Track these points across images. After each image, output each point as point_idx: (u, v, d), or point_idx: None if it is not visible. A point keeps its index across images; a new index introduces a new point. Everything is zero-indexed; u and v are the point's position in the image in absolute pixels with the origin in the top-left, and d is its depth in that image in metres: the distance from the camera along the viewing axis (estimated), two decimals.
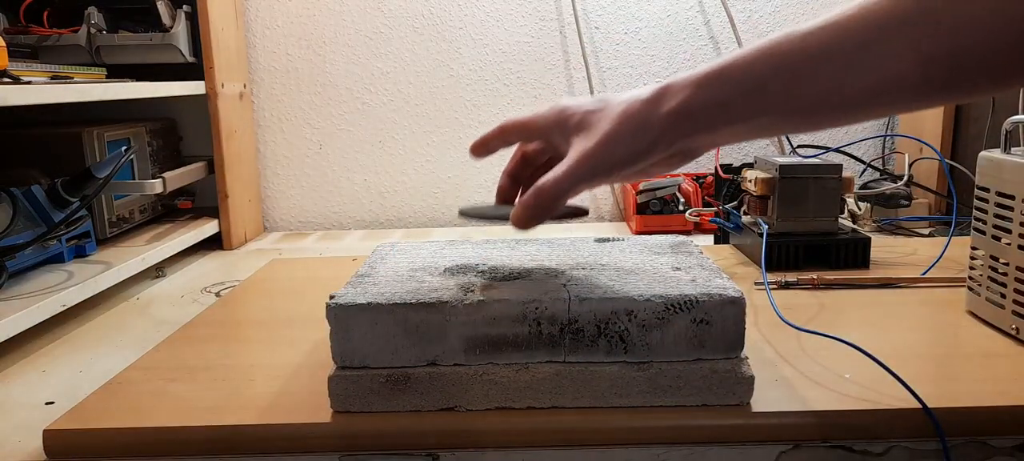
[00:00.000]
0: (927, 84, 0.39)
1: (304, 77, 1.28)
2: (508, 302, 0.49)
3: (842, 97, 0.41)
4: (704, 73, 0.45)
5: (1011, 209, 0.62)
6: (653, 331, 0.50)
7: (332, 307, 0.50)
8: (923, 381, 0.54)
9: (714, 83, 0.45)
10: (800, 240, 0.85)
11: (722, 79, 0.44)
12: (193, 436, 0.50)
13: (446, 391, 0.50)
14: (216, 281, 0.95)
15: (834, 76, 0.41)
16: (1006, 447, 0.50)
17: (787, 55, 0.42)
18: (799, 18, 1.27)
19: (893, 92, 0.40)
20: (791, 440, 0.50)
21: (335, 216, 1.33)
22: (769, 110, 0.43)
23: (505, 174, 0.57)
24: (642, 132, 0.46)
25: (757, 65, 0.43)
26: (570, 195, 0.48)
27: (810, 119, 0.44)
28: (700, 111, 0.45)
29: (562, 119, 0.50)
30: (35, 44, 1.02)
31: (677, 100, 0.45)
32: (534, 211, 0.48)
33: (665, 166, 0.50)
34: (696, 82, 0.45)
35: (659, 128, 0.46)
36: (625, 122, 0.46)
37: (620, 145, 0.47)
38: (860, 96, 0.41)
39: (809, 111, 0.43)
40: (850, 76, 0.41)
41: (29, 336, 0.72)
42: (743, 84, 0.44)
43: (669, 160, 0.49)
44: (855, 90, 0.41)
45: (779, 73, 0.42)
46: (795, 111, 0.43)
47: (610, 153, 0.47)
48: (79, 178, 0.86)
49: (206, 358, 0.62)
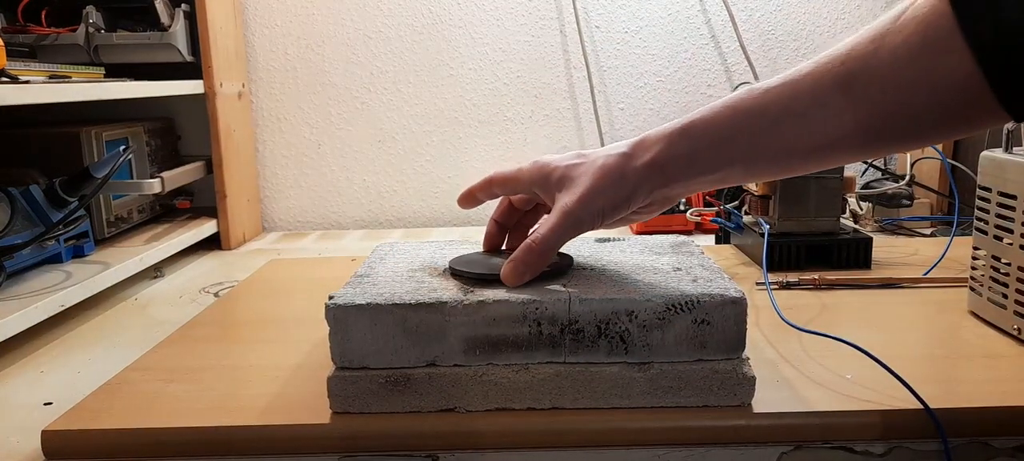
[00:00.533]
0: (865, 143, 0.45)
1: (303, 76, 1.28)
2: (508, 302, 0.49)
3: (798, 151, 0.46)
4: (675, 128, 0.49)
5: (1013, 209, 0.61)
6: (654, 331, 0.49)
7: (331, 307, 0.49)
8: (925, 381, 0.54)
9: (683, 138, 0.49)
10: (801, 240, 0.85)
11: (691, 135, 0.48)
12: (192, 436, 0.50)
13: (446, 392, 0.50)
14: (215, 281, 0.95)
15: (788, 134, 0.46)
16: (1008, 448, 0.50)
17: (748, 113, 0.47)
18: (799, 16, 1.27)
19: (840, 149, 0.46)
20: (792, 441, 0.50)
21: (334, 216, 1.33)
22: (735, 161, 0.48)
23: (492, 221, 0.60)
24: (620, 184, 0.50)
25: (722, 122, 0.48)
26: (557, 249, 0.51)
27: (773, 168, 0.49)
28: (671, 164, 0.49)
29: (544, 175, 0.53)
30: (33, 43, 1.02)
31: (651, 154, 0.49)
32: (524, 267, 0.51)
33: (646, 213, 0.54)
34: (668, 136, 0.49)
35: (635, 180, 0.49)
36: (604, 176, 0.50)
37: (600, 198, 0.50)
38: (813, 151, 0.46)
39: (771, 162, 0.48)
40: (802, 134, 0.46)
41: (27, 336, 0.72)
42: (709, 139, 0.48)
43: (649, 208, 0.53)
44: (807, 146, 0.46)
45: (741, 130, 0.47)
46: (758, 161, 0.48)
47: (591, 206, 0.50)
48: (77, 178, 0.85)
49: (205, 358, 0.62)
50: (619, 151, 0.50)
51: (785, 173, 0.50)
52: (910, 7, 0.42)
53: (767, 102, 0.46)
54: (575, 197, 0.50)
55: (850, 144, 0.45)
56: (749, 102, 0.47)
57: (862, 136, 0.44)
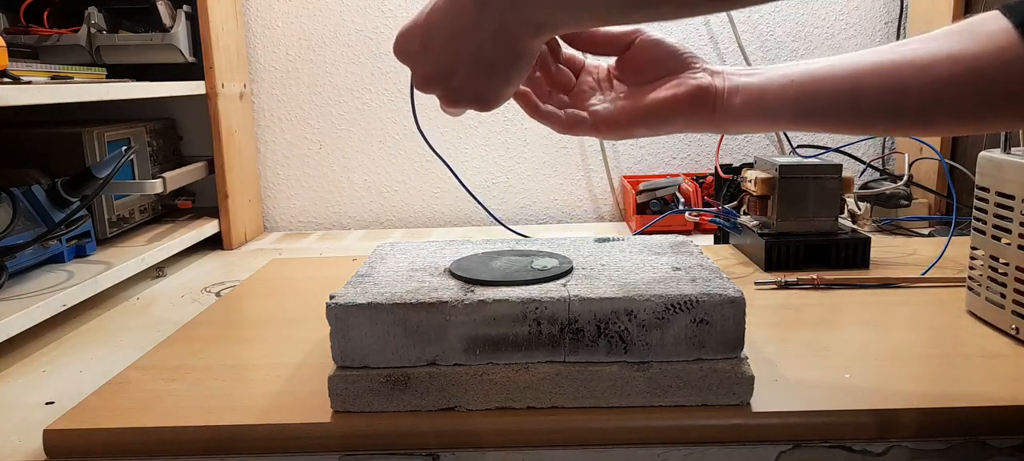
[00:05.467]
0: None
1: (304, 77, 1.28)
2: (508, 302, 0.49)
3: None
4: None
5: (1011, 209, 0.62)
6: (653, 331, 0.50)
7: (332, 307, 0.50)
8: (923, 381, 0.54)
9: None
10: (800, 240, 0.85)
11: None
12: (193, 436, 0.50)
13: (446, 391, 0.50)
14: (216, 281, 0.95)
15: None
16: (1006, 447, 0.50)
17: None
18: (798, 17, 1.27)
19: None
20: (791, 440, 0.50)
21: (335, 216, 1.33)
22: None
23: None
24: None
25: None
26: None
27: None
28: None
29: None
30: (35, 44, 1.02)
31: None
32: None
33: (510, 67, 0.46)
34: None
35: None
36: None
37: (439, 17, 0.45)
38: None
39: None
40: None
41: (29, 336, 0.72)
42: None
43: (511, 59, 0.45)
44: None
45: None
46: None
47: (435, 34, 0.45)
48: (79, 178, 0.86)
49: (206, 358, 0.62)
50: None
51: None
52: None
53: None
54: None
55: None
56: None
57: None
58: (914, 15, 1.23)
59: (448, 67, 0.46)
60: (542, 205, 1.32)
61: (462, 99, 0.47)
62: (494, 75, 0.45)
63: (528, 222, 1.32)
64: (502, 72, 0.45)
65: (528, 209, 1.32)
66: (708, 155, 1.31)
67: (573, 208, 1.33)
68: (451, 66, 0.45)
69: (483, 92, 0.47)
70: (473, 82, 0.46)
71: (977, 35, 0.44)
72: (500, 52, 0.44)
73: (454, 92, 0.47)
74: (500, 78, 0.46)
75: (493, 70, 0.45)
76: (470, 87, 0.46)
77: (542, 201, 1.32)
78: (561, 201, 1.32)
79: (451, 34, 0.44)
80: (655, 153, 1.31)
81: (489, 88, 0.46)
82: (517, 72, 0.46)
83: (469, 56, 0.44)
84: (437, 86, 0.47)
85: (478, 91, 0.47)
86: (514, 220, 1.32)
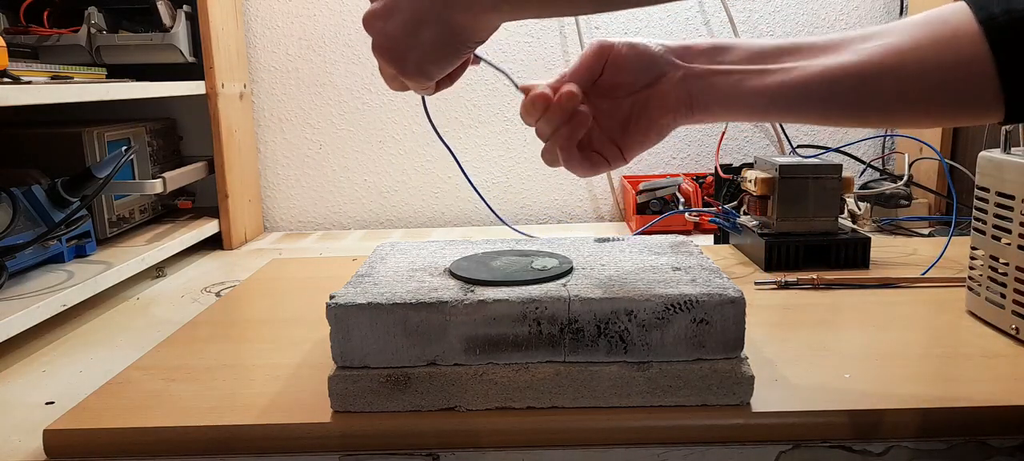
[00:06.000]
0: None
1: (304, 77, 1.28)
2: (508, 302, 0.49)
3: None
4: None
5: (1011, 209, 0.62)
6: (653, 331, 0.50)
7: (332, 307, 0.50)
8: (923, 381, 0.54)
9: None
10: (800, 240, 0.85)
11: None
12: (193, 436, 0.50)
13: (446, 391, 0.50)
14: (216, 281, 0.95)
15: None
16: (1006, 447, 0.50)
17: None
18: (798, 17, 1.27)
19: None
20: (791, 440, 0.50)
21: (335, 216, 1.33)
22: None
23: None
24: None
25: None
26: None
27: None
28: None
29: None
30: (35, 44, 1.02)
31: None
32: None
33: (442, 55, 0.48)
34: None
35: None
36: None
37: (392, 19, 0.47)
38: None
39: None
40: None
41: (29, 336, 0.72)
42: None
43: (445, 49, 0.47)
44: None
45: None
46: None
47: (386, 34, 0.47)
48: (79, 178, 0.86)
49: (206, 358, 0.62)
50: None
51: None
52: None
53: None
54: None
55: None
56: None
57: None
58: (913, 12, 1.23)
59: (390, 7, 0.47)
60: (542, 205, 1.32)
61: (388, 51, 0.48)
62: (420, 35, 0.46)
63: (528, 222, 1.32)
64: (429, 38, 0.46)
65: (528, 209, 1.32)
66: (708, 155, 1.31)
67: (573, 208, 1.33)
68: (392, 7, 0.47)
69: (404, 50, 0.47)
70: (403, 34, 0.47)
71: (944, 29, 0.44)
72: (434, 13, 0.45)
73: (384, 38, 0.48)
74: (426, 44, 0.46)
75: (421, 29, 0.46)
76: (398, 38, 0.47)
77: (542, 201, 1.32)
78: (561, 201, 1.32)
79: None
80: (655, 153, 1.31)
81: (412, 49, 0.47)
82: (444, 48, 0.47)
83: (409, 2, 0.46)
84: (376, 23, 0.48)
85: (403, 47, 0.47)
86: (514, 220, 1.32)
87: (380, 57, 0.49)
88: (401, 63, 0.48)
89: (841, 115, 0.48)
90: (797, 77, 0.47)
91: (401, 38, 0.47)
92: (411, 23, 0.46)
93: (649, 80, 0.51)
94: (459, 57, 0.48)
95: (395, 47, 0.47)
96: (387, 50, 0.48)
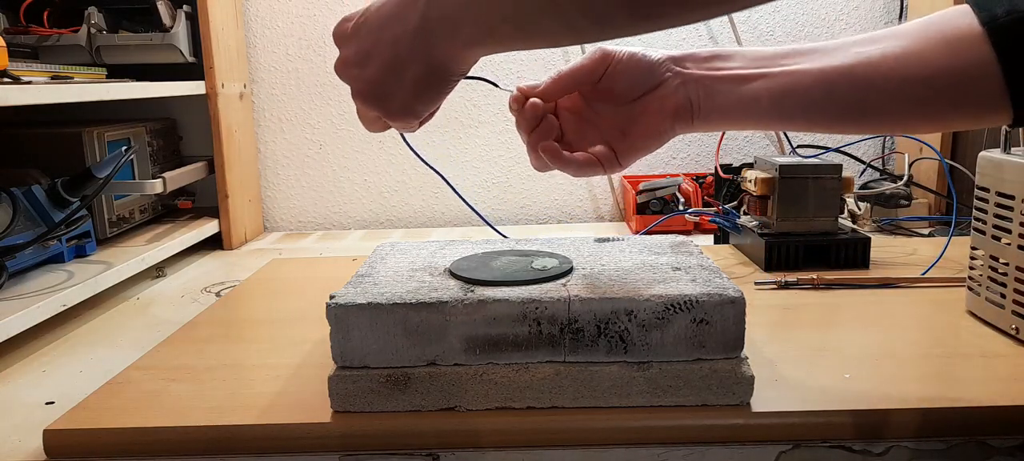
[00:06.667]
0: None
1: (304, 77, 1.28)
2: (508, 302, 0.49)
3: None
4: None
5: (1011, 209, 0.62)
6: (653, 331, 0.50)
7: (332, 307, 0.50)
8: (923, 381, 0.54)
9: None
10: (800, 240, 0.85)
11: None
12: (193, 436, 0.50)
13: (446, 391, 0.50)
14: (216, 281, 0.95)
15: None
16: (1006, 447, 0.50)
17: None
18: (798, 17, 1.27)
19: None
20: (791, 440, 0.50)
21: (335, 216, 1.33)
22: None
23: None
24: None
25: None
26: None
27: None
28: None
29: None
30: (35, 44, 1.02)
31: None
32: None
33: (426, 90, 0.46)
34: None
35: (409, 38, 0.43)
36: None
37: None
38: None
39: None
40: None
41: (29, 336, 0.72)
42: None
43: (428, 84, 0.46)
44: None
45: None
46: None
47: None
48: (79, 178, 0.86)
49: (206, 358, 0.62)
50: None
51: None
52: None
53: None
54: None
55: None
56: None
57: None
58: (913, 13, 1.23)
59: (365, 52, 0.45)
60: (542, 205, 1.32)
61: (370, 95, 0.47)
62: (402, 76, 0.45)
63: (528, 222, 1.32)
64: (412, 77, 0.45)
65: (528, 209, 1.32)
66: (708, 155, 1.31)
67: (573, 208, 1.33)
68: (368, 52, 0.45)
69: (389, 93, 0.46)
70: (384, 77, 0.45)
71: (948, 32, 0.44)
72: (415, 53, 0.44)
73: (365, 83, 0.46)
74: (409, 83, 0.45)
75: (403, 69, 0.44)
76: (380, 82, 0.46)
77: (542, 201, 1.32)
78: (561, 201, 1.32)
79: (381, 18, 0.45)
80: (655, 153, 1.31)
81: (396, 90, 0.45)
82: (429, 84, 0.45)
83: (387, 45, 0.44)
84: (351, 71, 0.47)
85: (386, 89, 0.46)
86: (514, 220, 1.32)
87: (363, 103, 0.48)
88: (386, 106, 0.47)
89: (844, 120, 0.48)
90: (798, 81, 0.47)
91: (383, 82, 0.46)
92: (392, 65, 0.45)
93: (648, 87, 0.52)
94: (446, 91, 0.47)
95: (378, 91, 0.46)
96: (369, 96, 0.47)
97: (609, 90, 0.53)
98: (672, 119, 0.51)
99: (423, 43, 0.43)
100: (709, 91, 0.50)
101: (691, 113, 0.51)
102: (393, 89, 0.46)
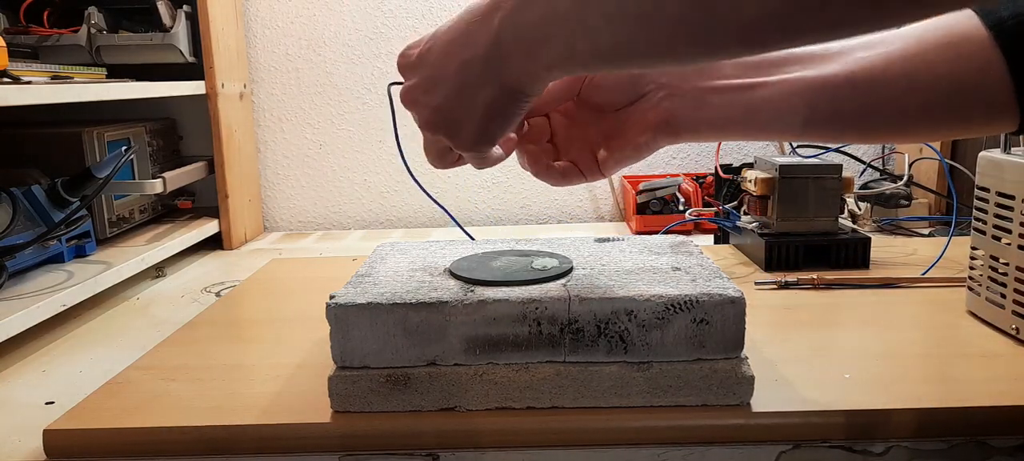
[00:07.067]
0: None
1: (304, 77, 1.28)
2: (508, 302, 0.49)
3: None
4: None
5: (1011, 209, 0.62)
6: (653, 331, 0.50)
7: (332, 307, 0.50)
8: (923, 381, 0.54)
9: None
10: (800, 240, 0.85)
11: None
12: (193, 436, 0.50)
13: (446, 391, 0.50)
14: (216, 281, 0.95)
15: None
16: (1006, 447, 0.50)
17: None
18: None
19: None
20: (791, 440, 0.50)
21: (335, 216, 1.33)
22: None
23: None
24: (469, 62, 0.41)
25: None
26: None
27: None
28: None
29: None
30: (35, 44, 1.02)
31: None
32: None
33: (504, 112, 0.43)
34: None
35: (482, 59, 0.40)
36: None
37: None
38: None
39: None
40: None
41: (29, 336, 0.72)
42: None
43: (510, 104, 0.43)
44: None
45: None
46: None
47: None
48: (79, 178, 0.86)
49: (206, 358, 0.62)
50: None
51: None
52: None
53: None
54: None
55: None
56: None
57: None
58: None
59: (433, 79, 0.43)
60: (542, 205, 1.32)
61: (438, 123, 0.45)
62: (473, 101, 0.42)
63: (528, 222, 1.32)
64: (483, 101, 0.42)
65: (528, 209, 1.32)
66: (708, 155, 1.31)
67: (573, 208, 1.33)
68: (436, 79, 0.43)
69: (459, 119, 0.43)
70: (452, 103, 0.43)
71: (952, 36, 0.43)
72: (487, 76, 0.41)
73: (433, 111, 0.44)
74: (480, 108, 0.42)
75: (474, 94, 0.42)
76: (448, 109, 0.43)
77: (542, 201, 1.32)
78: (561, 201, 1.32)
79: (448, 43, 0.43)
80: (656, 153, 1.31)
81: (466, 116, 0.43)
82: (502, 108, 0.42)
83: (455, 70, 0.42)
84: (420, 99, 0.45)
85: (456, 116, 0.43)
86: (514, 220, 1.32)
87: (431, 132, 0.46)
88: (455, 134, 0.44)
89: (846, 130, 0.46)
90: (798, 91, 0.45)
91: (452, 109, 0.43)
92: (461, 90, 0.42)
93: (630, 99, 0.51)
94: (520, 114, 0.43)
95: (447, 119, 0.44)
96: (438, 124, 0.45)
97: (589, 101, 0.52)
98: (652, 133, 0.49)
99: (496, 65, 0.40)
100: (699, 103, 0.48)
101: (674, 127, 0.49)
102: (462, 116, 0.43)
